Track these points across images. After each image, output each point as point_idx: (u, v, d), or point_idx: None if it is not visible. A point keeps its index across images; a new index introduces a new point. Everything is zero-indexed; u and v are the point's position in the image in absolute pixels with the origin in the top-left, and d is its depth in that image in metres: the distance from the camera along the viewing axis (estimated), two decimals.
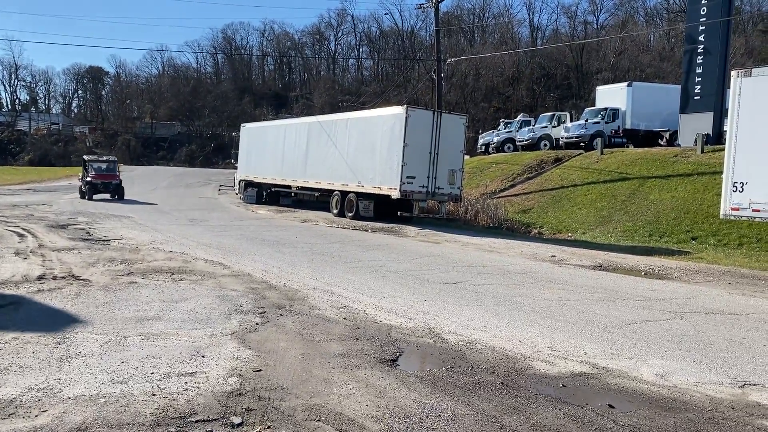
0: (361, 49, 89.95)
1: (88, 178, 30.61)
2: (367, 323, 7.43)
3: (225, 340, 6.46)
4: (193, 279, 9.83)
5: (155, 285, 9.22)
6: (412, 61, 67.76)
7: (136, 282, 9.41)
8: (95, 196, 30.20)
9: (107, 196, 30.87)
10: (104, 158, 34.16)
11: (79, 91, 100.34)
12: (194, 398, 4.83)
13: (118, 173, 31.88)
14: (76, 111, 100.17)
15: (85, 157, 33.68)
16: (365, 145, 22.66)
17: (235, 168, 36.89)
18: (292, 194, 28.73)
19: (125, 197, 30.97)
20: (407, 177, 20.70)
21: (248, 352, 6.07)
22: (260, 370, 5.54)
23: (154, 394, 4.87)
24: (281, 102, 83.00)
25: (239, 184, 33.21)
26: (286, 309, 7.98)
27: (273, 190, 29.98)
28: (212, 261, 11.76)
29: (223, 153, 72.47)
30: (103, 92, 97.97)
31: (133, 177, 45.27)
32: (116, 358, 5.72)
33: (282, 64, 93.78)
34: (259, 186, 30.76)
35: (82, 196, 30.87)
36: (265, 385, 5.17)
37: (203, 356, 5.88)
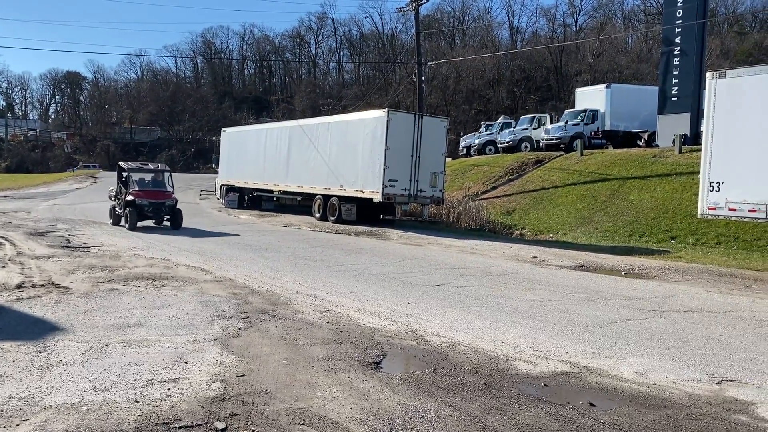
0: (341, 53, 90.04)
1: (129, 197, 18.66)
2: (351, 327, 7.45)
3: (208, 346, 6.44)
4: (175, 285, 9.78)
5: (137, 291, 9.16)
6: (393, 64, 67.91)
7: (117, 289, 9.33)
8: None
9: (151, 222, 19.59)
10: (151, 165, 21.29)
11: (57, 97, 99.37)
12: (178, 404, 4.82)
13: (172, 188, 19.95)
14: (53, 117, 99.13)
15: (122, 163, 20.73)
16: (347, 148, 22.69)
17: (216, 172, 36.70)
18: (274, 198, 28.66)
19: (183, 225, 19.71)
20: (389, 180, 20.75)
21: (231, 358, 6.06)
22: (244, 375, 5.54)
23: (137, 401, 4.85)
24: (262, 106, 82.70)
25: (220, 188, 33.04)
26: (269, 314, 7.97)
27: (255, 194, 29.88)
28: (194, 267, 11.70)
29: (204, 157, 72.06)
30: (81, 97, 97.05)
31: (113, 183, 44.72)
32: (98, 366, 5.68)
33: (262, 68, 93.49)
34: (241, 190, 30.63)
35: (116, 222, 19.77)
36: (248, 390, 5.17)
37: (186, 362, 5.86)
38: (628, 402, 5.22)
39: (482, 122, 41.83)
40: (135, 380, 5.32)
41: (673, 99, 26.19)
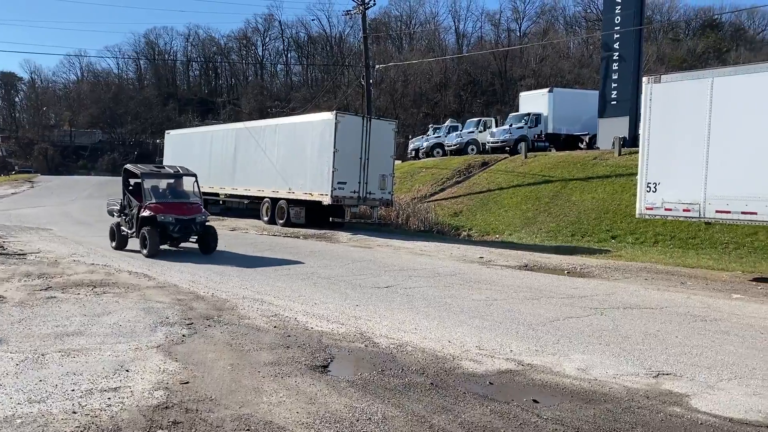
0: (289, 55, 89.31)
1: (147, 212, 13.82)
2: (298, 331, 7.40)
3: (150, 354, 6.28)
4: (117, 292, 9.51)
5: (76, 299, 8.86)
6: (342, 67, 67.87)
7: (55, 297, 9.01)
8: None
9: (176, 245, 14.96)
10: (170, 170, 15.56)
11: None
12: (118, 414, 4.69)
13: (200, 199, 15.18)
14: None
15: (131, 166, 15.36)
16: (295, 151, 22.53)
17: None
18: (221, 202, 28.17)
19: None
20: (338, 183, 20.72)
21: (175, 365, 5.94)
22: (188, 383, 5.43)
23: (74, 412, 4.69)
24: (208, 108, 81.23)
25: None
26: (214, 319, 7.84)
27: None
28: (137, 273, 11.40)
29: (148, 160, 70.09)
30: (17, 99, 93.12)
31: (51, 187, 43.30)
32: (33, 377, 5.47)
33: (208, 69, 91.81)
34: None
35: (121, 245, 14.79)
36: (192, 397, 5.07)
37: (128, 370, 5.71)
38: (570, 397, 5.36)
39: (430, 125, 42.22)
40: (73, 390, 5.14)
41: (612, 103, 27.07)
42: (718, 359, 6.57)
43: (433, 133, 37.53)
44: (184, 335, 7.04)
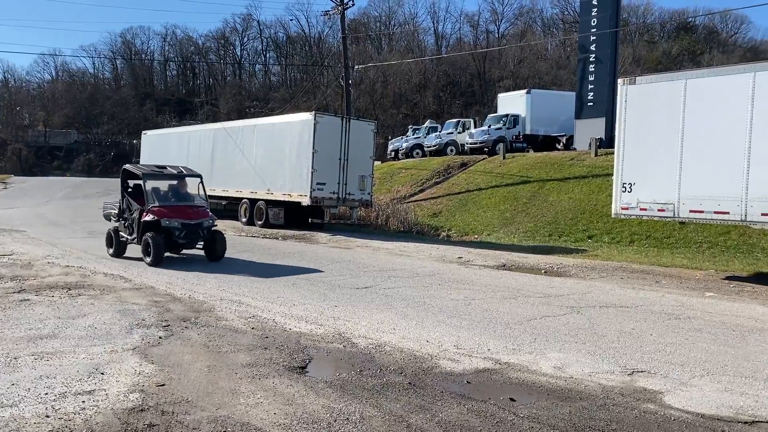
0: (268, 55, 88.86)
1: (150, 216, 12.83)
2: (276, 332, 7.37)
3: (126, 356, 6.22)
4: (92, 294, 9.38)
5: (50, 302, 8.73)
6: (321, 67, 67.72)
7: (28, 299, 8.86)
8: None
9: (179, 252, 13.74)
10: (173, 170, 14.17)
11: None
12: (92, 417, 4.63)
13: (206, 202, 14.12)
14: None
15: (130, 166, 14.72)
16: (274, 151, 22.44)
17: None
18: None
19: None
20: (317, 183, 20.68)
21: (151, 367, 5.88)
22: (164, 385, 5.38)
23: (48, 416, 4.62)
24: (185, 108, 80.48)
25: None
26: (191, 321, 7.77)
27: None
28: (113, 275, 11.27)
29: (125, 161, 69.17)
30: None
31: (25, 188, 42.56)
32: (5, 381, 5.37)
33: (185, 69, 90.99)
34: None
35: (119, 252, 13.81)
36: (168, 400, 5.03)
37: (103, 373, 5.64)
38: (547, 395, 5.41)
39: (409, 126, 42.33)
40: (46, 394, 5.07)
41: (589, 104, 27.39)
42: (691, 356, 6.68)
43: (413, 134, 37.64)
44: (160, 337, 6.97)
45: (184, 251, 13.59)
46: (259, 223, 22.36)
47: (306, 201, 20.78)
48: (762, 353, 6.87)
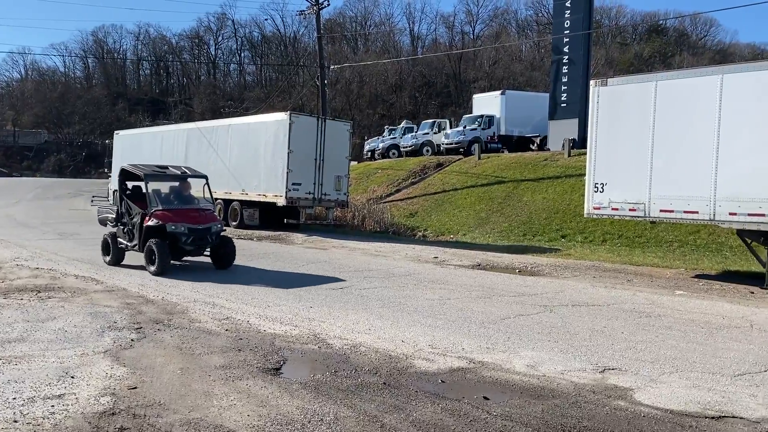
0: (242, 54, 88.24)
1: (153, 221, 11.80)
2: (251, 333, 7.33)
3: (97, 359, 6.13)
4: (63, 296, 9.23)
5: (18, 305, 8.56)
6: (296, 67, 67.46)
7: None
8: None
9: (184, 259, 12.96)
10: (175, 170, 13.20)
11: None
12: (62, 422, 4.56)
13: (212, 205, 13.33)
14: None
15: (129, 166, 13.16)
16: (248, 151, 22.29)
17: (110, 177, 34.97)
18: None
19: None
20: (293, 184, 20.59)
21: (123, 370, 5.81)
22: (136, 388, 5.32)
23: (15, 421, 4.54)
24: (159, 108, 79.57)
25: (113, 194, 31.48)
26: (164, 323, 7.69)
27: None
28: (84, 277, 11.10)
29: (97, 162, 68.36)
30: None
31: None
32: None
33: (159, 68, 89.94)
34: None
35: (117, 260, 12.72)
36: (140, 403, 4.97)
37: (73, 377, 5.56)
38: (520, 394, 5.46)
39: (386, 126, 42.36)
40: (14, 399, 4.98)
41: (562, 105, 27.70)
42: (661, 354, 6.80)
43: (389, 135, 37.67)
44: (132, 340, 6.89)
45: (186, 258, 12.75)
46: (234, 224, 22.19)
47: (281, 201, 20.68)
48: (729, 350, 7.02)
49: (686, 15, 69.40)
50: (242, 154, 22.59)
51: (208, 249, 12.43)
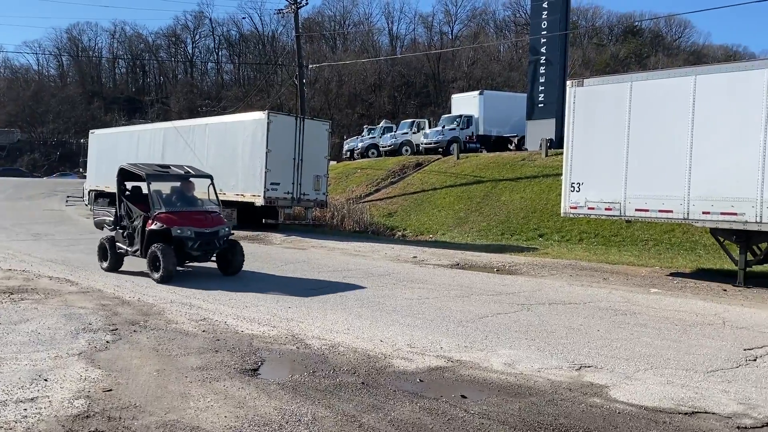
0: (220, 53, 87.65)
1: (157, 224, 11.03)
2: (228, 334, 7.28)
3: (71, 361, 6.04)
4: (36, 298, 9.08)
5: None
6: (274, 66, 67.13)
7: None
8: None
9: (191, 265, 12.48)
10: (178, 170, 12.39)
11: None
12: (34, 425, 4.49)
13: (219, 207, 12.38)
14: None
15: (129, 166, 12.35)
16: (226, 151, 22.13)
17: (85, 177, 34.49)
18: None
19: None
20: (271, 183, 20.48)
21: (97, 372, 5.73)
22: (111, 390, 5.25)
23: None
24: (135, 107, 78.69)
25: (89, 194, 31.07)
26: (140, 325, 7.61)
27: None
28: (58, 278, 10.93)
29: (71, 161, 67.43)
30: None
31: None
32: None
33: (135, 67, 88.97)
34: (112, 196, 28.95)
35: (115, 265, 11.96)
36: (115, 405, 4.91)
37: (46, 380, 5.47)
38: (497, 392, 5.50)
39: (365, 126, 42.35)
40: None
41: (539, 105, 27.92)
42: (636, 351, 6.89)
43: (368, 134, 37.67)
44: (108, 341, 6.80)
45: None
46: None
47: (259, 201, 20.56)
48: (702, 347, 7.13)
49: (661, 16, 70.47)
50: (220, 153, 22.42)
51: (219, 254, 11.65)
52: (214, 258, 11.73)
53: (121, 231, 11.86)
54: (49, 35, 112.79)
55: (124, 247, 11.80)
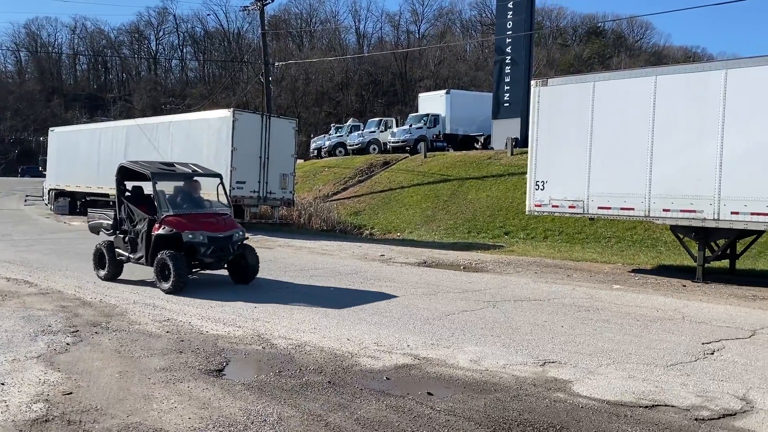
0: (184, 50, 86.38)
1: (163, 229, 9.92)
2: (192, 335, 7.18)
3: (30, 364, 5.89)
4: None
5: None
6: (240, 64, 66.43)
7: None
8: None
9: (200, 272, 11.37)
10: (184, 168, 11.38)
11: None
12: None
13: (229, 208, 11.44)
14: None
15: (130, 163, 11.34)
16: (191, 149, 21.79)
17: (44, 176, 33.65)
18: (111, 203, 26.81)
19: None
20: (237, 182, 20.28)
21: (57, 375, 5.60)
22: (71, 393, 5.14)
23: None
24: (97, 104, 77.07)
25: (49, 193, 30.33)
26: (102, 326, 7.45)
27: (89, 199, 27.70)
28: (16, 279, 10.64)
29: (30, 160, 65.74)
30: None
31: None
32: None
33: (97, 63, 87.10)
34: (73, 195, 28.29)
35: (114, 273, 10.87)
36: (76, 408, 4.81)
37: (2, 384, 5.32)
38: (463, 388, 5.54)
39: (332, 124, 42.25)
40: None
41: (505, 105, 28.22)
42: (598, 346, 7.01)
43: (336, 133, 37.60)
44: (68, 344, 6.65)
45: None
46: None
47: None
48: (662, 341, 7.30)
49: (623, 18, 71.80)
50: (184, 152, 22.05)
51: (232, 259, 10.67)
52: (228, 265, 10.80)
53: (121, 236, 10.73)
54: (6, 30, 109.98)
55: (125, 253, 10.66)
